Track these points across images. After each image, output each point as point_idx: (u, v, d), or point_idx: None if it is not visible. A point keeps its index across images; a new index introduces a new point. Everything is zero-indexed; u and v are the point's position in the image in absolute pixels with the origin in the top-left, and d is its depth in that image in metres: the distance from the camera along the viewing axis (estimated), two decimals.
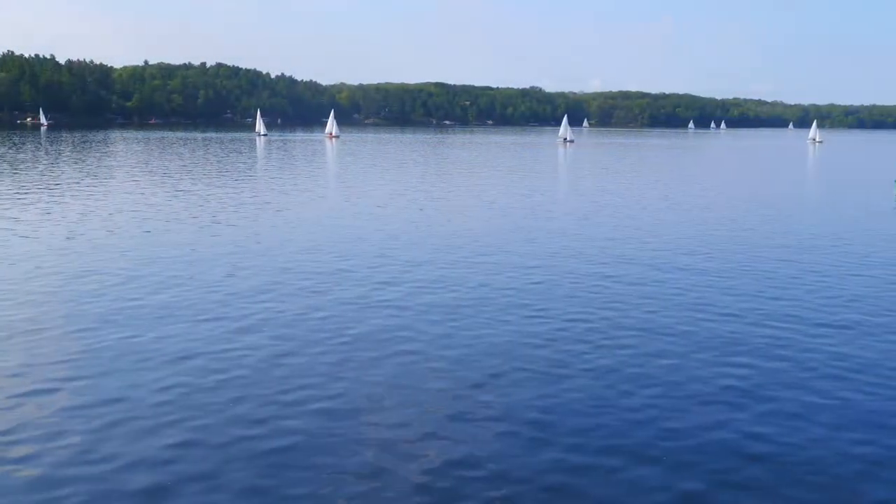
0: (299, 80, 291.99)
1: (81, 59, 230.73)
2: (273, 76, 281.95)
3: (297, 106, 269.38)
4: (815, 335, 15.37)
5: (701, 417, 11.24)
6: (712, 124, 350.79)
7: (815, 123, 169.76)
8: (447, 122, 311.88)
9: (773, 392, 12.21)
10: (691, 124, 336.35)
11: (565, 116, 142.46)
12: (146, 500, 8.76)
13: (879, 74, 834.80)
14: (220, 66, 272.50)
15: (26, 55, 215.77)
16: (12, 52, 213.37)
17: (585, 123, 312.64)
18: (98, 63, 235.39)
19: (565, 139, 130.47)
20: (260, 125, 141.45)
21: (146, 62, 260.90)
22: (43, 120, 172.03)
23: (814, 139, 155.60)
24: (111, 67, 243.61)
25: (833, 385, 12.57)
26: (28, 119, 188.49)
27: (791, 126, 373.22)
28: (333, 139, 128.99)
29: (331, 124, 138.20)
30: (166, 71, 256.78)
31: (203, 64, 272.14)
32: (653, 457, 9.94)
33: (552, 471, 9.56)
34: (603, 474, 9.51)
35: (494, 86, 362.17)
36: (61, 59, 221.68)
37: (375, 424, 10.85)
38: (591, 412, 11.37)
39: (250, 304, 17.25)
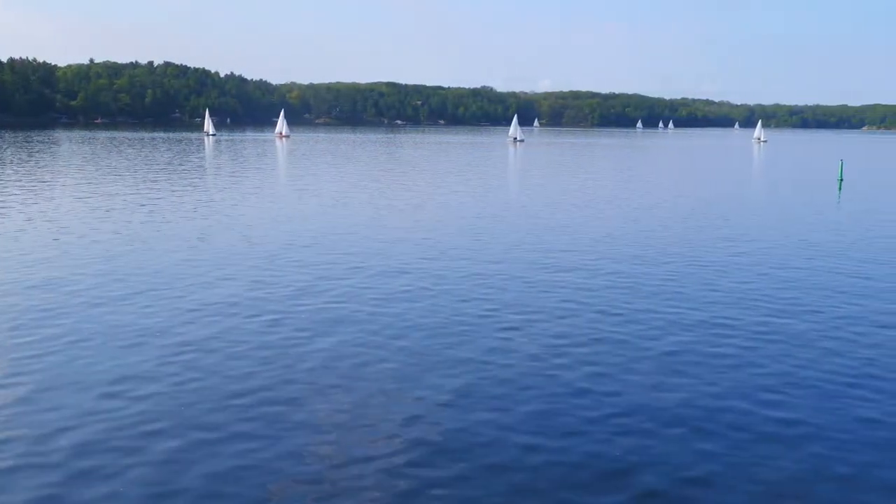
0: (249, 79, 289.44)
1: (24, 57, 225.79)
2: (222, 75, 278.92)
3: (247, 105, 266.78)
4: (761, 337, 15.83)
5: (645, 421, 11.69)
6: (660, 124, 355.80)
7: (759, 123, 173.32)
8: (399, 122, 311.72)
9: (721, 402, 12.72)
10: (639, 124, 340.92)
11: (515, 116, 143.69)
12: None
13: (822, 75, 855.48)
14: (167, 64, 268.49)
15: None
16: None
17: (536, 123, 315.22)
18: (42, 62, 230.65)
19: (515, 139, 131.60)
20: (208, 125, 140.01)
21: (92, 60, 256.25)
22: None
23: (758, 138, 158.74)
24: (55, 66, 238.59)
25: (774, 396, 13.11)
26: None
27: (737, 126, 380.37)
28: (284, 139, 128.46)
29: (281, 124, 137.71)
30: (113, 70, 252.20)
31: (150, 63, 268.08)
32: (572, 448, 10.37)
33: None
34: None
35: (446, 85, 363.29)
36: (3, 58, 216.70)
37: (321, 425, 11.11)
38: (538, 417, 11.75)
39: (195, 304, 17.34)
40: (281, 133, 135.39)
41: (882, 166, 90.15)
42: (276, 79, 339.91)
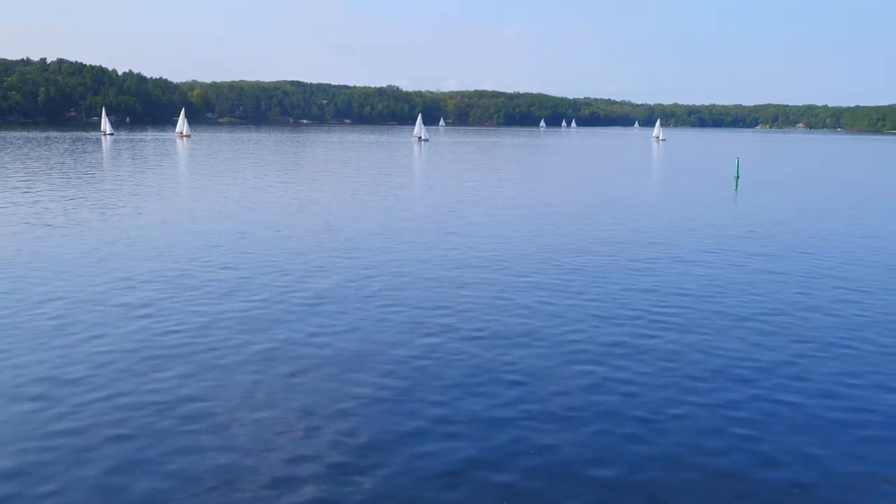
0: (149, 77, 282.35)
1: None
2: (120, 73, 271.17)
3: (146, 104, 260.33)
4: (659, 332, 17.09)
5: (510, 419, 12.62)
6: (563, 123, 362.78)
7: (658, 122, 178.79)
8: (304, 121, 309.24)
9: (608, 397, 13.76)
10: (542, 123, 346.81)
11: (420, 115, 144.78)
12: None
13: (718, 77, 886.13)
14: (61, 62, 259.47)
15: None
16: None
17: (442, 122, 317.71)
18: None
19: (420, 138, 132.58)
20: (105, 124, 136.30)
21: None
22: None
23: (657, 137, 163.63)
24: None
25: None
26: None
27: (637, 125, 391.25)
28: (184, 138, 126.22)
29: (181, 123, 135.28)
30: (2, 66, 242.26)
31: (43, 60, 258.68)
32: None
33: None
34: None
35: (351, 84, 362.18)
36: None
37: (234, 426, 11.66)
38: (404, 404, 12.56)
39: (92, 306, 17.54)
40: (181, 132, 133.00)
41: (775, 163, 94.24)
42: (177, 77, 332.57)
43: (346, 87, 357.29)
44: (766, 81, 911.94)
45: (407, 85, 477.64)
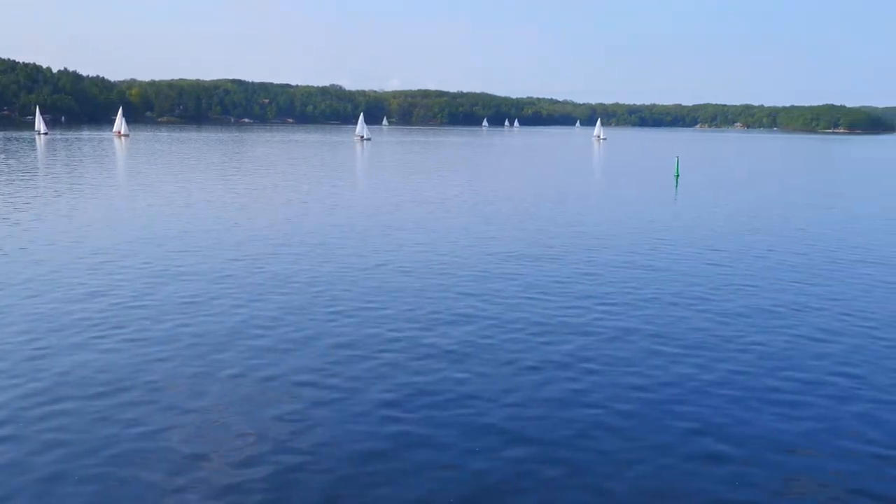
0: (85, 75, 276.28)
1: None
2: (55, 71, 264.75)
3: (83, 103, 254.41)
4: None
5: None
6: (506, 122, 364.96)
7: (599, 122, 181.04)
8: (246, 121, 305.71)
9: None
10: (485, 122, 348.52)
11: (362, 115, 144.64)
12: None
13: (659, 77, 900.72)
14: None
15: None
16: None
17: (385, 122, 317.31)
18: None
19: (362, 137, 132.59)
20: (40, 123, 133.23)
21: None
22: None
23: (598, 136, 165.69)
24: None
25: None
26: None
27: (578, 124, 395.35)
28: (122, 138, 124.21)
29: (119, 122, 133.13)
30: None
31: None
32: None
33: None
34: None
35: (294, 83, 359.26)
36: None
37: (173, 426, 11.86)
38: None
39: (33, 307, 17.50)
40: (119, 132, 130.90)
41: (713, 161, 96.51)
42: (115, 75, 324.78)
43: (289, 86, 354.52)
44: (705, 82, 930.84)
45: (350, 84, 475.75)
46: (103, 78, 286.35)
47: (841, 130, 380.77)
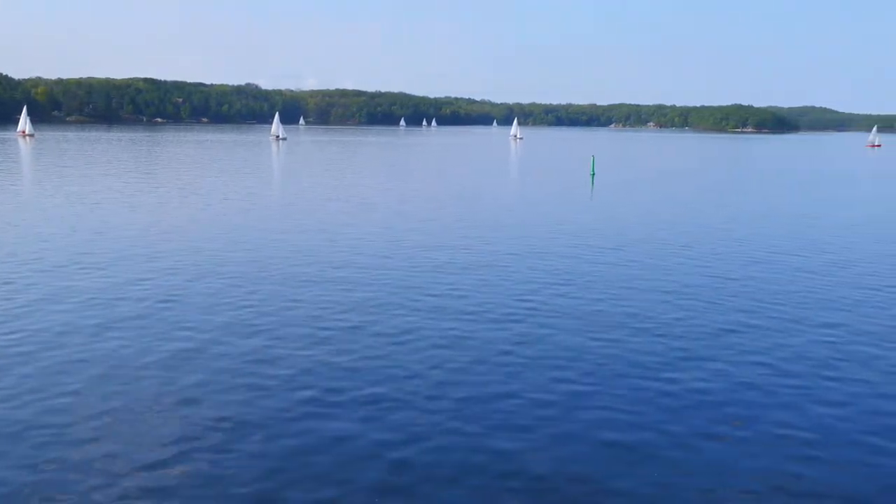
0: None
1: None
2: None
3: None
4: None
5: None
6: (424, 122, 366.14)
7: (515, 121, 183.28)
8: (159, 120, 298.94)
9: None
10: (402, 122, 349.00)
11: (277, 114, 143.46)
12: None
13: (575, 77, 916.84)
14: None
15: None
16: None
17: (302, 121, 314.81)
18: None
19: (278, 136, 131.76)
20: None
21: None
22: None
23: (515, 136, 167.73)
24: None
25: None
26: None
27: (495, 124, 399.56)
28: (27, 138, 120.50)
29: (24, 121, 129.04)
30: None
31: None
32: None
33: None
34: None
35: (208, 82, 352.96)
36: None
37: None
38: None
39: None
40: (24, 131, 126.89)
41: (628, 160, 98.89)
42: (19, 73, 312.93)
43: (203, 85, 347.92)
44: (619, 82, 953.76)
45: (266, 83, 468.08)
46: (7, 76, 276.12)
47: (749, 130, 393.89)
